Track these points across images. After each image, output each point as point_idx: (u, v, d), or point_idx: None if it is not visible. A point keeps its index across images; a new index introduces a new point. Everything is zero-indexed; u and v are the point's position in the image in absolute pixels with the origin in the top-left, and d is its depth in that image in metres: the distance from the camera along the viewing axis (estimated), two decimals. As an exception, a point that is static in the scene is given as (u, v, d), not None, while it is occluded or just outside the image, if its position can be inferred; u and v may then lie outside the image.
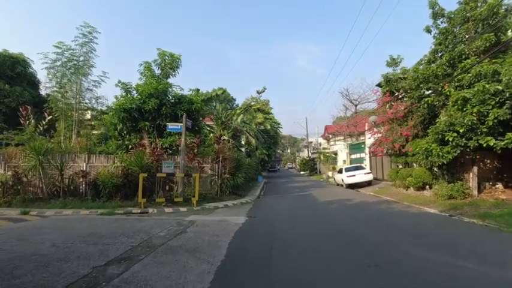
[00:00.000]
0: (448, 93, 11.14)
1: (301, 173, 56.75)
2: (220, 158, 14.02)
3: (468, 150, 10.44)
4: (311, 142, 61.44)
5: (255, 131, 23.71)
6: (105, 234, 6.59)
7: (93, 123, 19.97)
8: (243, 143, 27.62)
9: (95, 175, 12.05)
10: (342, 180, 20.82)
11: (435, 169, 13.12)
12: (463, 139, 10.14)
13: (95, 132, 19.25)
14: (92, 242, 5.92)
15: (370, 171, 20.10)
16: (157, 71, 15.34)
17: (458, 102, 10.17)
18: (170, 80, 15.35)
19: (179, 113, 13.67)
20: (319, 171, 45.70)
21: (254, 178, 26.27)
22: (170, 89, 14.42)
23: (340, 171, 21.88)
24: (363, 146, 25.60)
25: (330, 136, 50.91)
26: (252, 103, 24.15)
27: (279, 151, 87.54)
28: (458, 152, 10.45)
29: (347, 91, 40.15)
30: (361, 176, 19.67)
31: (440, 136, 10.88)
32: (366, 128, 25.74)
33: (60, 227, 7.44)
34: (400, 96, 15.96)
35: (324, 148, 51.11)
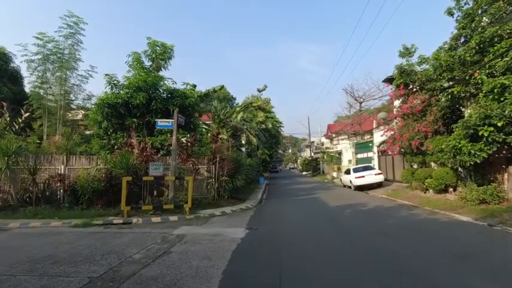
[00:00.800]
0: (479, 81, 9.62)
1: (304, 173, 55.21)
2: (218, 159, 12.53)
3: (507, 147, 8.93)
4: (313, 142, 59.87)
5: (255, 130, 22.21)
6: (64, 258, 5.09)
7: (86, 122, 18.54)
8: (243, 142, 26.13)
9: (74, 179, 10.57)
10: (350, 181, 19.29)
11: (460, 169, 11.61)
12: (501, 134, 8.63)
13: (88, 132, 17.83)
14: (41, 271, 4.43)
15: (380, 171, 18.58)
16: (148, 63, 13.85)
17: (495, 90, 8.66)
18: (162, 73, 13.88)
19: (171, 108, 12.19)
20: (323, 172, 44.20)
21: (255, 180, 24.79)
22: (161, 82, 12.92)
23: (348, 172, 20.35)
24: (370, 144, 24.07)
25: (333, 135, 49.33)
26: (253, 101, 22.51)
27: (280, 151, 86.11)
28: (495, 149, 8.94)
29: (351, 88, 38.69)
30: (371, 177, 18.13)
31: (471, 131, 9.37)
32: (374, 125, 24.22)
33: (12, 247, 5.96)
34: (416, 88, 14.43)
35: (326, 148, 49.58)
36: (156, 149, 12.47)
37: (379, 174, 18.36)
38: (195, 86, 19.77)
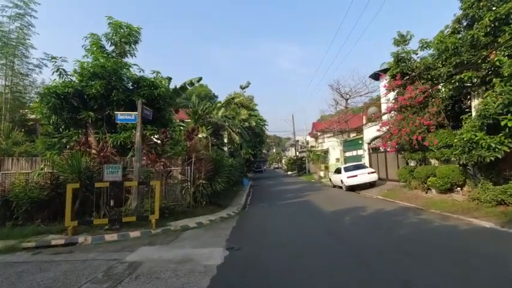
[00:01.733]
0: (497, 63, 8.27)
1: (289, 173, 53.90)
2: (193, 159, 10.64)
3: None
4: (297, 141, 58.73)
5: (238, 127, 20.41)
6: None
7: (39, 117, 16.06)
8: (225, 141, 24.28)
9: (9, 187, 8.39)
10: (341, 181, 17.87)
11: (468, 167, 10.32)
12: (528, 124, 7.30)
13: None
14: None
15: (373, 170, 17.26)
16: (110, 48, 11.75)
17: (520, 72, 7.31)
18: (129, 61, 11.80)
19: (136, 99, 10.16)
20: (309, 171, 42.97)
21: (239, 181, 22.97)
22: (124, 69, 10.86)
23: (338, 171, 18.94)
24: (360, 142, 22.82)
25: (318, 134, 48.32)
26: (235, 96, 20.71)
27: (264, 151, 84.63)
28: (519, 142, 7.61)
29: (338, 84, 37.66)
30: (364, 176, 16.76)
31: (489, 121, 8.01)
32: (364, 121, 23.01)
33: None
34: (415, 78, 13.10)
35: (312, 146, 48.46)
36: (120, 148, 10.42)
37: (372, 173, 17.02)
38: (170, 78, 17.75)
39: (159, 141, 10.54)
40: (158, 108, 11.44)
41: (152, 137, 10.90)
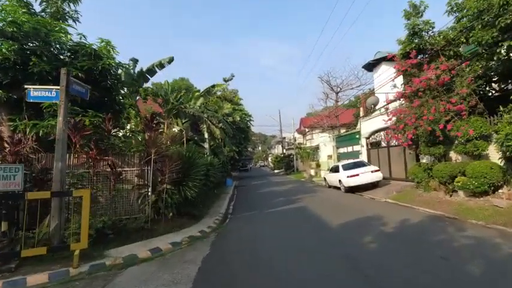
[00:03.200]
0: None
1: (276, 171, 51.46)
2: (153, 156, 7.73)
3: None
4: (284, 138, 56.37)
5: (219, 120, 17.54)
6: None
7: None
8: (206, 136, 21.36)
9: None
10: (340, 181, 15.38)
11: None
12: None
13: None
14: None
15: (377, 168, 14.84)
16: (38, 7, 8.64)
17: None
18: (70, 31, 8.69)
19: (72, 72, 7.17)
20: (297, 169, 40.66)
21: (221, 182, 20.12)
22: (56, 33, 7.76)
23: (335, 170, 16.45)
24: (357, 136, 20.45)
25: (307, 130, 46.06)
26: (216, 84, 17.81)
27: (250, 149, 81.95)
28: None
29: (328, 76, 35.31)
30: (366, 176, 14.33)
31: None
32: (361, 114, 20.66)
33: None
34: (432, 54, 10.70)
35: (299, 143, 46.14)
36: (49, 142, 7.38)
37: (376, 171, 14.59)
38: (136, 60, 14.74)
39: (104, 132, 7.57)
40: (107, 88, 8.45)
41: (91, 124, 7.87)
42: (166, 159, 7.99)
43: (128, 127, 10.11)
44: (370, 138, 18.88)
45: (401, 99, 12.45)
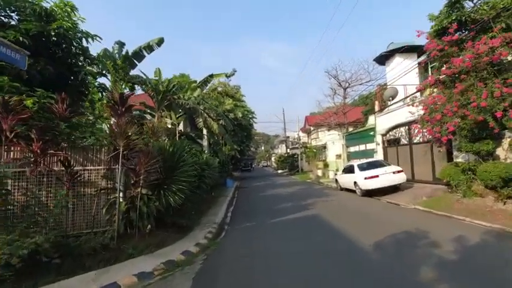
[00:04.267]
0: None
1: (279, 171, 49.40)
2: (121, 150, 5.77)
3: None
4: (288, 137, 54.32)
5: (219, 114, 15.57)
6: None
7: None
8: (205, 132, 19.42)
9: None
10: (355, 183, 13.36)
11: None
12: None
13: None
14: None
15: (400, 168, 12.79)
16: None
17: None
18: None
19: (10, 35, 5.27)
20: (301, 170, 38.58)
21: (219, 184, 18.19)
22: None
23: (349, 170, 14.42)
24: (371, 133, 18.39)
25: (312, 128, 44.02)
26: (213, 74, 15.87)
27: (252, 149, 79.97)
28: None
29: (336, 70, 33.20)
30: (388, 177, 12.30)
31: None
32: (376, 108, 18.61)
33: None
34: (478, 28, 8.66)
35: (304, 143, 44.10)
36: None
37: (398, 172, 12.55)
38: (122, 44, 12.86)
39: (54, 113, 5.61)
40: (66, 63, 6.51)
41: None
42: (141, 155, 6.02)
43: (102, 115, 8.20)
44: (387, 135, 16.81)
45: (432, 87, 10.42)
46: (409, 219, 8.02)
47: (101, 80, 13.01)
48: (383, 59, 20.03)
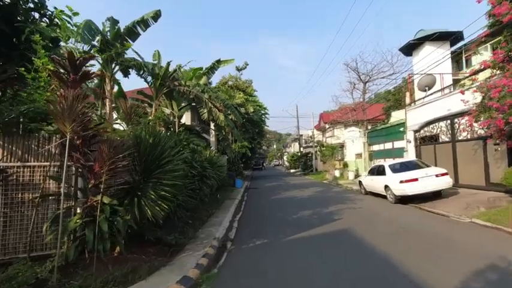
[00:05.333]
0: None
1: (292, 171, 47.18)
2: (68, 138, 3.88)
3: None
4: (301, 135, 51.98)
5: (227, 105, 13.60)
6: None
7: None
8: (211, 126, 17.60)
9: None
10: (386, 187, 11.16)
11: None
12: None
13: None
14: None
15: (445, 170, 10.49)
16: None
17: None
18: None
19: None
20: (316, 169, 36.34)
21: (228, 183, 16.28)
22: None
23: (379, 172, 12.20)
24: (401, 129, 16.05)
25: (327, 126, 41.58)
26: (221, 59, 13.90)
27: (264, 147, 77.92)
28: None
29: (356, 62, 30.71)
30: (429, 181, 10.07)
31: None
32: (407, 101, 16.25)
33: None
34: None
35: (318, 141, 41.70)
36: None
37: (443, 175, 10.27)
38: (116, 21, 11.10)
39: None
40: (10, 20, 4.66)
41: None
42: (104, 146, 4.10)
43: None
44: (421, 132, 14.45)
45: (495, 69, 8.12)
46: (477, 240, 5.84)
47: (94, 66, 11.11)
48: (410, 48, 17.75)
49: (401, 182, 10.38)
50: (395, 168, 11.30)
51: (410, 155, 15.14)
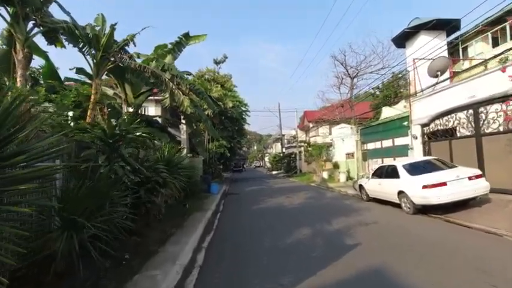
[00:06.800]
0: None
1: (274, 172, 44.66)
2: None
3: None
4: (283, 135, 49.67)
5: (195, 89, 10.66)
6: None
7: None
8: (182, 122, 14.63)
9: None
10: (401, 193, 8.70)
11: None
12: None
13: None
14: None
15: (479, 172, 8.14)
16: None
17: None
18: None
19: None
20: (300, 171, 33.96)
21: (200, 189, 13.35)
22: None
23: (389, 173, 9.74)
24: (404, 123, 13.76)
25: (311, 125, 39.46)
26: (189, 33, 10.94)
27: (244, 148, 74.98)
28: None
29: (344, 54, 28.65)
30: (461, 186, 7.70)
31: None
32: (412, 90, 13.98)
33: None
34: None
35: (303, 141, 39.45)
36: None
37: (477, 177, 7.91)
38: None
39: None
40: None
41: None
42: None
43: None
44: (431, 125, 12.20)
45: None
46: None
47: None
48: (403, 39, 15.65)
49: (424, 187, 7.90)
50: (413, 169, 8.84)
51: (416, 153, 12.87)
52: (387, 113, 17.55)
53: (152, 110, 21.23)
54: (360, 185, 12.03)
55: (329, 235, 6.59)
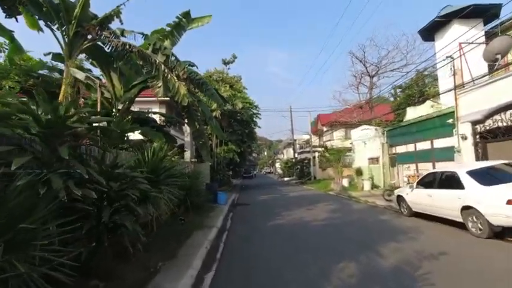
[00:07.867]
0: None
1: (286, 179, 42.39)
2: None
3: None
4: (295, 140, 47.41)
5: (196, 79, 8.73)
6: None
7: None
8: (185, 122, 12.78)
9: None
10: (469, 208, 6.47)
11: None
12: None
13: None
14: None
15: None
16: None
17: None
18: None
19: None
20: (314, 177, 31.61)
21: (207, 198, 11.37)
22: None
23: (445, 182, 7.54)
24: (449, 120, 11.46)
25: (325, 129, 37.16)
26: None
27: (254, 154, 72.88)
28: None
29: (363, 51, 26.41)
30: None
31: None
32: (457, 81, 11.69)
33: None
34: None
35: (319, 145, 37.08)
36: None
37: None
38: None
39: None
40: None
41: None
42: None
43: None
44: (487, 123, 9.90)
45: None
46: None
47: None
48: (432, 30, 13.50)
49: (510, 202, 5.68)
50: (485, 178, 6.62)
51: (464, 157, 10.57)
52: (412, 113, 15.30)
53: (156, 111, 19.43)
54: (399, 196, 9.78)
55: (391, 278, 4.40)
